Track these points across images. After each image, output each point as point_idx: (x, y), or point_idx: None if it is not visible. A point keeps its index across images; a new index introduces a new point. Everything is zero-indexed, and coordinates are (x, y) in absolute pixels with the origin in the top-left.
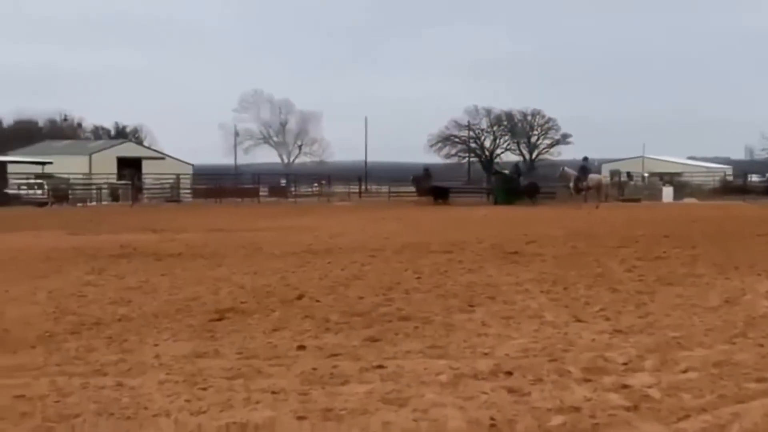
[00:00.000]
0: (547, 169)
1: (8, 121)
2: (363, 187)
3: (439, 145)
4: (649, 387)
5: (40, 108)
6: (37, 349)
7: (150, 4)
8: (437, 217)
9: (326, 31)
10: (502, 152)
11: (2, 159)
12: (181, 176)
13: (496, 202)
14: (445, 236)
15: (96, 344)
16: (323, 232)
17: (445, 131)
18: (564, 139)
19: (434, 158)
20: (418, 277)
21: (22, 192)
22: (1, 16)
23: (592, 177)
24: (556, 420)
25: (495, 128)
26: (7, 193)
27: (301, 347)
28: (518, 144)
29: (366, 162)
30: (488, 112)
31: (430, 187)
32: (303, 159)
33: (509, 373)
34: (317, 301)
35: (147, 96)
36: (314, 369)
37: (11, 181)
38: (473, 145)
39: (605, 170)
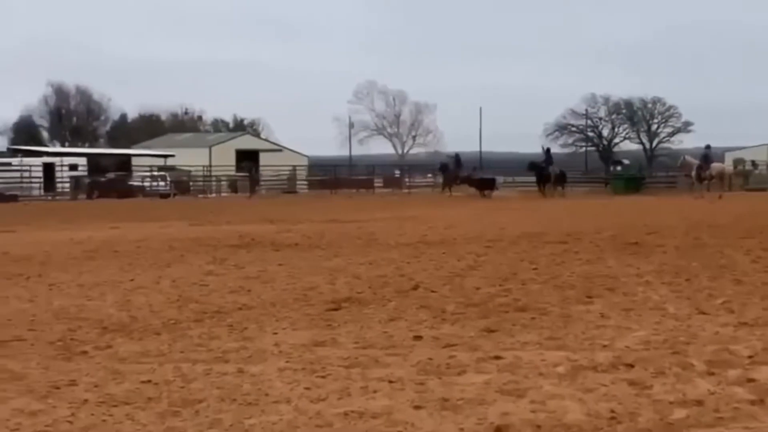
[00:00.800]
0: (667, 158)
1: (133, 115)
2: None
3: (556, 134)
4: None
5: (163, 102)
6: (162, 336)
7: None
8: (554, 207)
9: (440, 20)
10: (621, 141)
11: (127, 152)
12: (297, 168)
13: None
14: (562, 226)
15: (218, 332)
16: (438, 222)
17: (562, 120)
18: (685, 127)
19: (551, 147)
20: (535, 268)
21: (146, 184)
22: (123, 13)
23: (715, 166)
24: (679, 413)
25: (613, 117)
26: (132, 185)
27: (418, 337)
28: (638, 132)
29: (480, 152)
30: (606, 100)
31: (462, 176)
32: (417, 150)
33: (630, 366)
34: (433, 291)
35: (264, 88)
36: (430, 359)
37: (136, 174)
38: (590, 134)
39: (729, 159)
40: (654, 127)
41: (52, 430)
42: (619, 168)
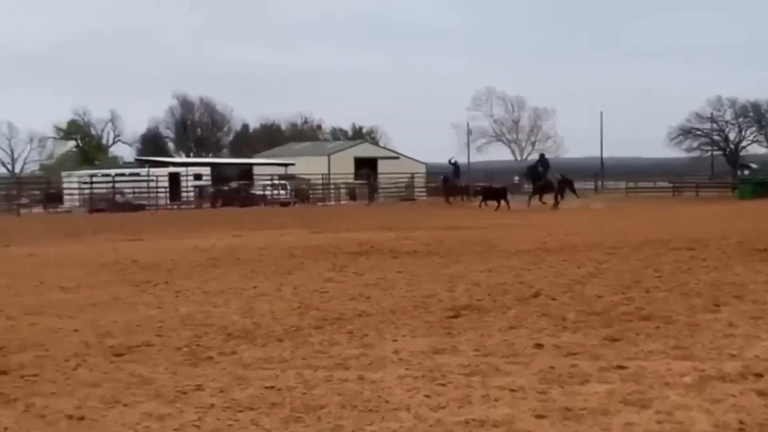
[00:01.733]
0: None
1: (254, 125)
2: (599, 183)
3: (680, 138)
4: None
5: (283, 112)
6: (285, 343)
7: (379, 5)
8: (676, 213)
9: (558, 24)
10: (748, 144)
11: (249, 161)
12: (415, 175)
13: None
14: (686, 232)
15: (338, 338)
16: (558, 229)
17: (686, 124)
18: None
19: (676, 152)
20: (659, 276)
21: (267, 192)
22: (245, 22)
23: None
24: None
25: (740, 120)
26: (253, 194)
27: (539, 345)
28: (766, 136)
29: (602, 157)
30: (733, 102)
31: (460, 186)
32: (536, 155)
33: (759, 376)
34: (553, 299)
35: (382, 97)
36: (552, 368)
37: (257, 182)
38: (716, 137)
39: None
40: None
41: None
42: (746, 172)
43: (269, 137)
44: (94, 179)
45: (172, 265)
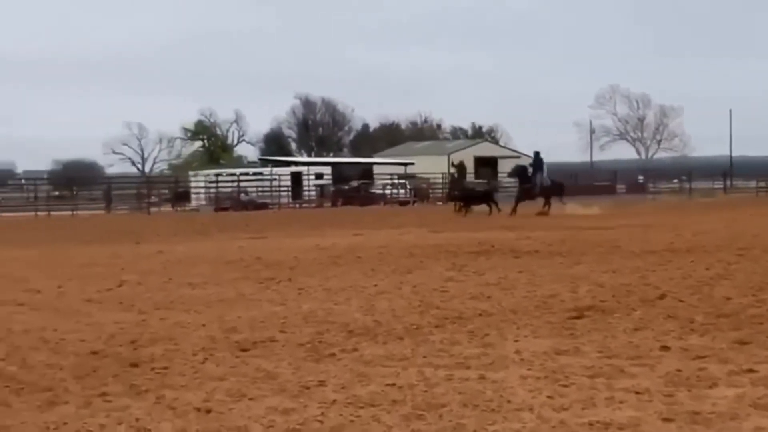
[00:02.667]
0: None
1: (374, 125)
2: (728, 182)
3: None
4: None
5: (402, 111)
6: (405, 341)
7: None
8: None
9: (684, 20)
10: None
11: (369, 161)
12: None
13: None
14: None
15: (459, 338)
16: (685, 229)
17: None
18: None
19: None
20: None
21: (386, 192)
22: (363, 23)
23: None
24: None
25: None
26: (373, 193)
27: (665, 348)
28: None
29: (731, 156)
30: None
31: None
32: (662, 154)
33: None
34: (680, 301)
35: (502, 96)
36: (679, 370)
37: (377, 181)
38: None
39: None
40: None
41: (303, 429)
42: None
43: (389, 137)
44: (220, 178)
45: (295, 263)
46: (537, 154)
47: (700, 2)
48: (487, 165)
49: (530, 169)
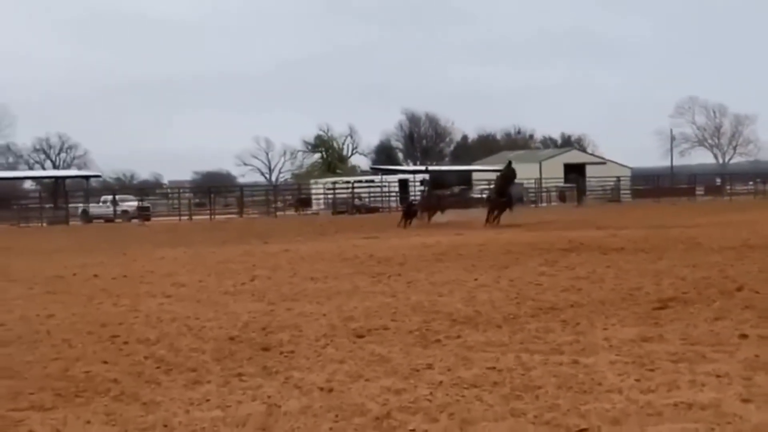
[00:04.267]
0: None
1: (472, 136)
2: None
3: None
4: None
5: (498, 123)
6: (503, 329)
7: (582, 21)
8: None
9: (758, 33)
10: None
11: (468, 168)
12: (620, 178)
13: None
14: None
15: (552, 326)
16: (761, 227)
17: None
18: None
19: None
20: None
21: (484, 196)
22: (461, 42)
23: None
24: None
25: None
26: (472, 197)
27: (743, 336)
28: None
29: None
30: None
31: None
32: (738, 159)
33: None
34: (757, 292)
35: (590, 107)
36: (757, 356)
37: (475, 187)
38: None
39: None
40: None
41: (414, 407)
42: None
43: (486, 146)
44: (337, 186)
45: (403, 260)
46: (509, 163)
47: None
48: (575, 171)
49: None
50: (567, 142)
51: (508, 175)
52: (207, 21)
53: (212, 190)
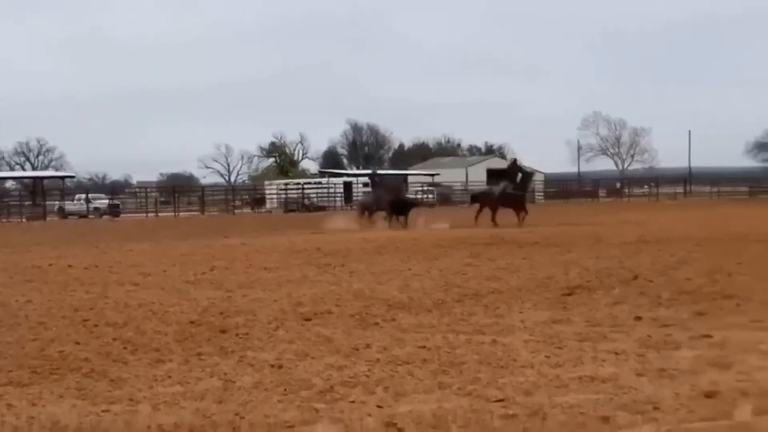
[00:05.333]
0: None
1: (408, 144)
2: (687, 188)
3: (755, 150)
4: None
5: (431, 133)
6: (433, 313)
7: (506, 51)
8: (751, 212)
9: (653, 55)
10: None
11: (404, 172)
12: (536, 182)
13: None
14: (762, 229)
15: (475, 310)
16: (654, 225)
17: (761, 139)
18: None
19: (751, 162)
20: (739, 263)
21: (418, 197)
22: (402, 63)
23: None
24: None
25: None
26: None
27: (638, 318)
28: None
29: (690, 167)
30: None
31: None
32: (635, 166)
33: None
34: (650, 281)
35: (510, 120)
36: (649, 336)
37: (411, 189)
38: None
39: None
40: None
41: (354, 381)
42: None
43: (420, 153)
44: (288, 187)
45: (347, 252)
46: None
47: (663, 44)
48: (496, 176)
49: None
50: (490, 150)
51: (513, 171)
52: (176, 40)
53: (176, 189)
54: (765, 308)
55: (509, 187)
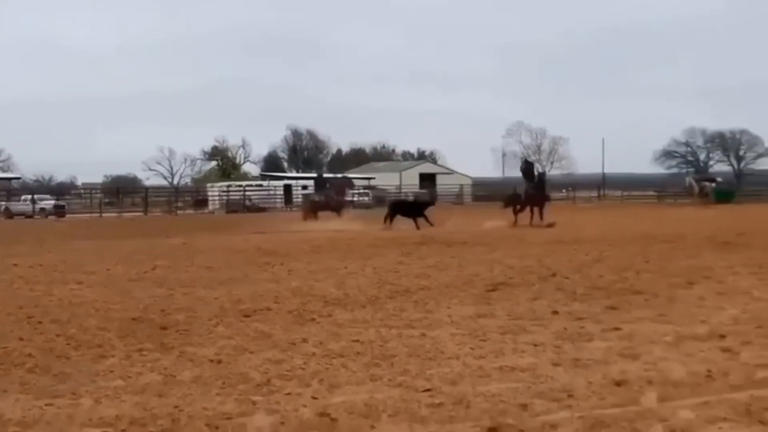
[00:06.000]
0: (753, 177)
1: (346, 149)
2: (601, 192)
3: (662, 158)
4: None
5: (367, 139)
6: (367, 308)
7: (441, 60)
8: (658, 215)
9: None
10: (714, 164)
11: (342, 176)
12: (463, 186)
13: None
14: (669, 230)
15: (406, 306)
16: (570, 225)
17: (667, 147)
18: (767, 152)
19: (659, 169)
20: (647, 261)
21: (355, 199)
22: (338, 73)
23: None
24: (762, 373)
25: (709, 145)
26: (345, 200)
27: (555, 312)
28: (728, 157)
29: (603, 173)
30: (703, 132)
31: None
32: (554, 171)
33: (723, 336)
34: (567, 278)
35: (440, 128)
36: (565, 328)
37: (348, 191)
38: (690, 158)
39: None
40: (741, 152)
41: (290, 374)
42: (713, 184)
43: (357, 158)
44: (230, 189)
45: (286, 252)
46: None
47: (582, 58)
48: (428, 179)
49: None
50: (422, 156)
51: (529, 171)
52: (122, 45)
53: (121, 191)
54: (669, 303)
55: (531, 187)
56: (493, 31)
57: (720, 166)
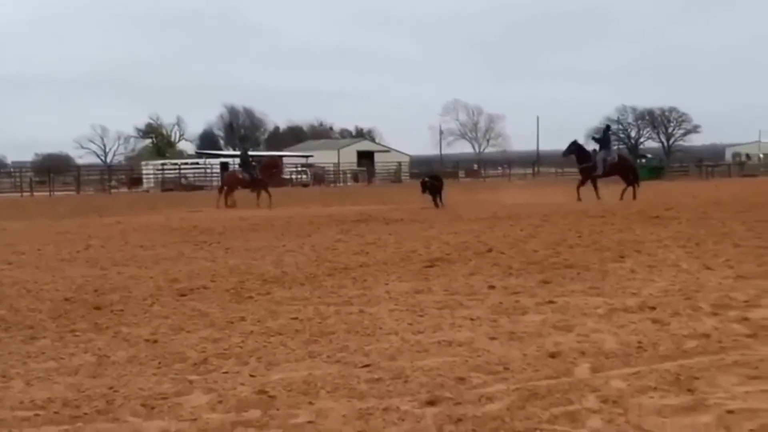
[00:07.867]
0: (681, 153)
1: (283, 127)
2: (536, 169)
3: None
4: (766, 319)
5: (305, 117)
6: (305, 286)
7: (377, 41)
8: (592, 191)
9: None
10: (645, 140)
11: (279, 153)
12: (401, 164)
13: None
14: (600, 205)
15: (345, 283)
16: (506, 202)
17: (600, 125)
18: (695, 129)
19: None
20: (579, 236)
21: (293, 177)
22: (271, 54)
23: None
24: (690, 344)
25: (639, 122)
26: (283, 178)
27: (491, 287)
28: (658, 134)
29: (538, 150)
30: (634, 109)
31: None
32: (490, 149)
33: (653, 308)
34: (502, 253)
35: (379, 107)
36: (501, 303)
37: (286, 169)
38: (622, 135)
39: (729, 153)
40: (670, 129)
41: (228, 353)
42: (643, 160)
43: (294, 136)
44: (165, 167)
45: (223, 230)
46: (607, 128)
47: (519, 37)
48: (366, 157)
49: (595, 146)
50: (360, 134)
51: (602, 140)
52: (52, 21)
53: (52, 169)
54: (601, 276)
55: (611, 154)
56: (428, 8)
57: (650, 143)
